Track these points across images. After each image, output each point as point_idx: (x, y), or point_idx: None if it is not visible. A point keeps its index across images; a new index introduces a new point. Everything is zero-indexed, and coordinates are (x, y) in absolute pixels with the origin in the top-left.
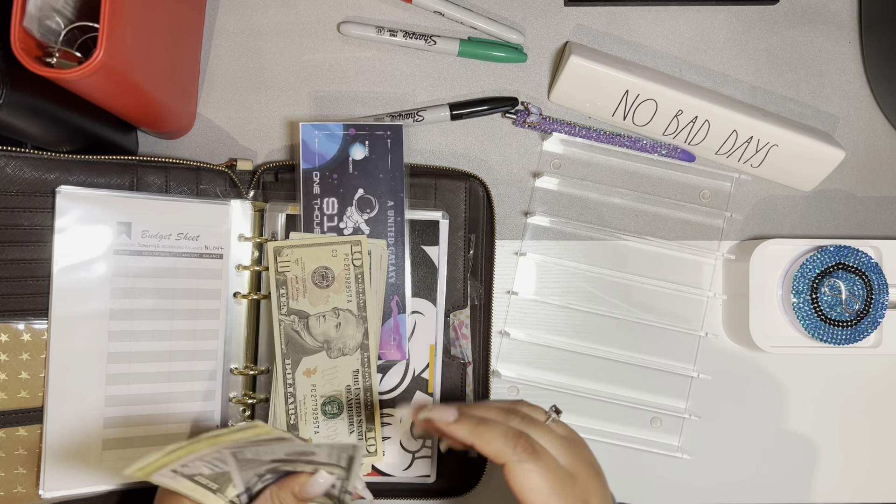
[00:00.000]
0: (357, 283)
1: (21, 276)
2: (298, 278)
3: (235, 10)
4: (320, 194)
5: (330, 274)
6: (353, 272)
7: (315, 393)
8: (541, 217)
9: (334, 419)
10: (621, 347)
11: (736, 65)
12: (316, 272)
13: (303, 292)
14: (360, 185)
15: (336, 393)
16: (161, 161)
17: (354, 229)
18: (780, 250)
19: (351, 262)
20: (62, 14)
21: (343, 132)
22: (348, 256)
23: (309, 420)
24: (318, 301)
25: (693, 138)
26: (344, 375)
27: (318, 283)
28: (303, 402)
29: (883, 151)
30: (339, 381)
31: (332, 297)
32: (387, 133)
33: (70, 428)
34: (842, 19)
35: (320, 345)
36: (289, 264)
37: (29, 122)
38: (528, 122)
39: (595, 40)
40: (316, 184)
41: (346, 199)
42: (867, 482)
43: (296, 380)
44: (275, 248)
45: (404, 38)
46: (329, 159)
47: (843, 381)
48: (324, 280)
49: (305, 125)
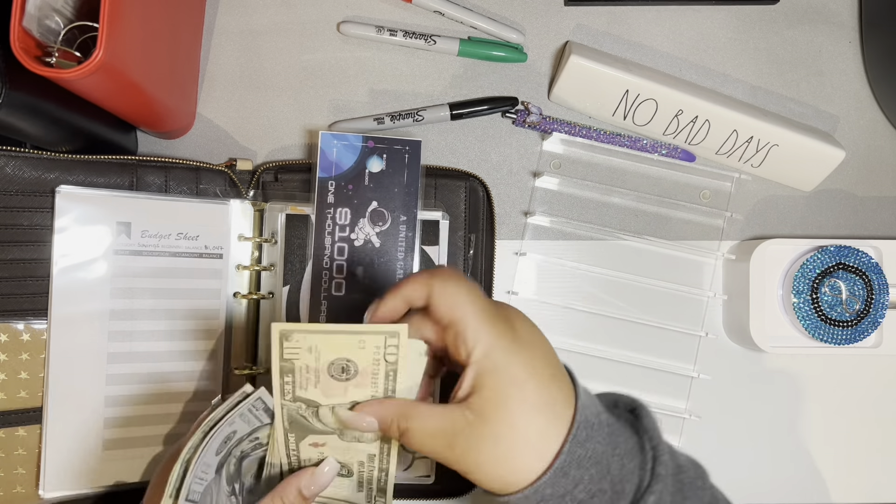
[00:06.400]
0: (387, 381)
1: (21, 276)
2: (310, 368)
3: (235, 9)
4: (334, 203)
5: (353, 368)
6: (385, 368)
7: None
8: (541, 217)
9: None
10: (621, 347)
11: (736, 65)
12: (334, 364)
13: (314, 383)
14: (374, 198)
15: (347, 463)
16: (161, 161)
17: (365, 241)
18: (780, 250)
19: (383, 357)
20: (62, 14)
21: (362, 144)
22: (380, 350)
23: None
24: (334, 393)
25: (693, 138)
26: (357, 454)
27: (336, 376)
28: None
29: (883, 151)
30: (350, 456)
31: (351, 391)
32: (405, 148)
33: (70, 428)
34: (842, 19)
35: (332, 430)
36: (298, 352)
37: (28, 121)
38: (528, 121)
39: (595, 40)
40: (331, 193)
41: (359, 210)
42: (867, 482)
43: (300, 449)
44: (281, 331)
45: (404, 38)
46: (346, 169)
47: (843, 381)
48: (343, 373)
49: (325, 134)
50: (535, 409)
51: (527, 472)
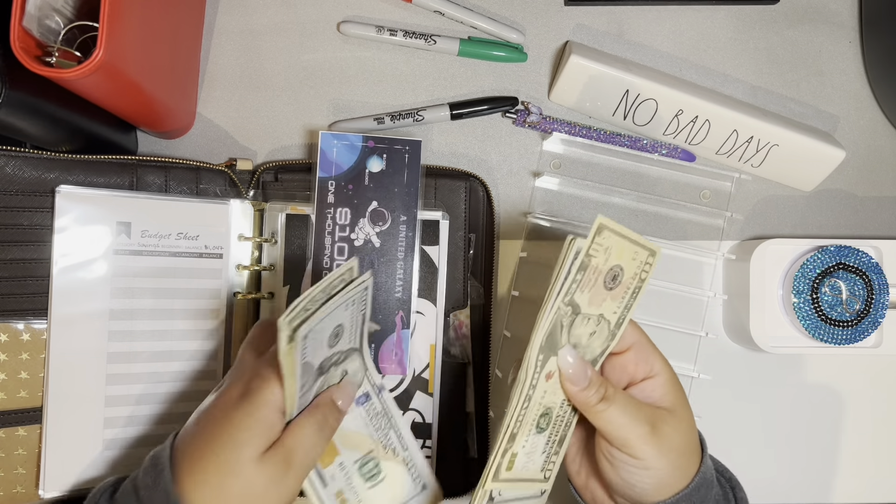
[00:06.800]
0: (631, 298)
1: (21, 275)
2: (598, 269)
3: (235, 9)
4: (334, 203)
5: (620, 277)
6: (635, 285)
7: (542, 402)
8: (541, 217)
9: (539, 434)
10: None
11: (736, 65)
12: (612, 270)
13: (591, 286)
14: (374, 198)
15: (553, 405)
16: (161, 161)
17: (365, 241)
18: (780, 250)
19: (639, 273)
20: (61, 13)
21: (362, 143)
22: (641, 265)
23: (525, 431)
24: (596, 301)
25: (693, 138)
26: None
27: (607, 283)
28: (532, 408)
29: (883, 151)
30: (560, 393)
31: (606, 303)
32: (405, 148)
33: (70, 428)
34: (842, 19)
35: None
36: (599, 250)
37: (29, 121)
38: (528, 121)
39: (595, 40)
40: (331, 193)
41: (359, 210)
42: (867, 482)
43: (538, 382)
44: (600, 224)
45: (404, 38)
46: (346, 169)
47: (844, 381)
48: (614, 281)
49: (325, 134)
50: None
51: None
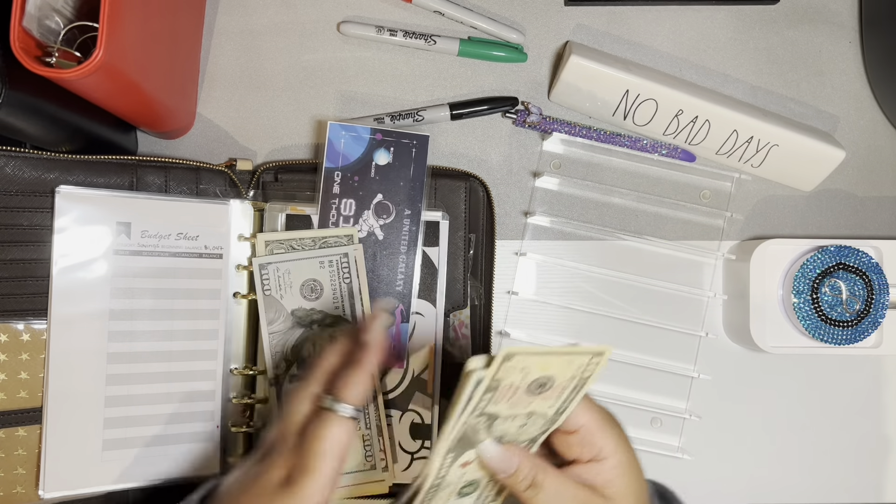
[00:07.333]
0: (571, 393)
1: (20, 276)
2: (513, 386)
3: (235, 9)
4: (339, 194)
5: (550, 384)
6: (575, 384)
7: (461, 479)
8: (541, 217)
9: (466, 497)
10: (621, 347)
11: (736, 65)
12: (536, 381)
13: (508, 397)
14: (379, 190)
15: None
16: (161, 161)
17: (368, 233)
18: (780, 250)
19: (579, 375)
20: (61, 14)
21: (370, 136)
22: (581, 368)
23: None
24: (519, 406)
25: (693, 138)
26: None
27: (532, 390)
28: (445, 487)
29: (883, 151)
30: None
31: (535, 404)
32: (412, 142)
33: (70, 428)
34: (842, 19)
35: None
36: (512, 371)
37: (28, 121)
38: (528, 121)
39: (595, 40)
40: (336, 183)
41: (364, 202)
42: (867, 482)
43: (449, 472)
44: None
45: (404, 38)
46: (352, 161)
47: (843, 381)
48: (541, 388)
49: (334, 124)
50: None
51: None
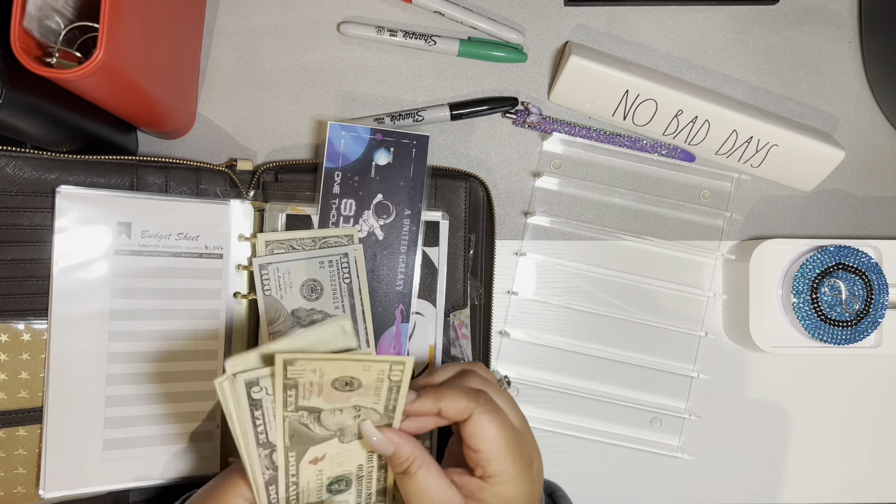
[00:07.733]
0: (390, 393)
1: (21, 276)
2: (314, 384)
3: (235, 10)
4: (339, 194)
5: (357, 383)
6: (387, 384)
7: (321, 476)
8: (541, 217)
9: (341, 494)
10: (621, 347)
11: (736, 65)
12: (338, 380)
13: (317, 393)
14: (379, 191)
15: (345, 473)
16: (161, 161)
17: (369, 233)
18: (780, 250)
19: (387, 377)
20: (62, 14)
21: (370, 136)
22: (384, 372)
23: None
24: (337, 401)
25: (693, 138)
26: (357, 455)
27: (339, 388)
28: (306, 487)
29: (883, 151)
30: (350, 461)
31: (354, 399)
32: (412, 142)
33: (70, 428)
34: (842, 19)
35: (332, 433)
36: (304, 371)
37: (29, 122)
38: (528, 122)
39: (595, 40)
40: (336, 183)
41: (364, 202)
42: (867, 482)
43: (300, 470)
44: (285, 360)
45: (404, 38)
46: (352, 161)
47: (843, 381)
48: (347, 386)
49: (333, 125)
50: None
51: None
